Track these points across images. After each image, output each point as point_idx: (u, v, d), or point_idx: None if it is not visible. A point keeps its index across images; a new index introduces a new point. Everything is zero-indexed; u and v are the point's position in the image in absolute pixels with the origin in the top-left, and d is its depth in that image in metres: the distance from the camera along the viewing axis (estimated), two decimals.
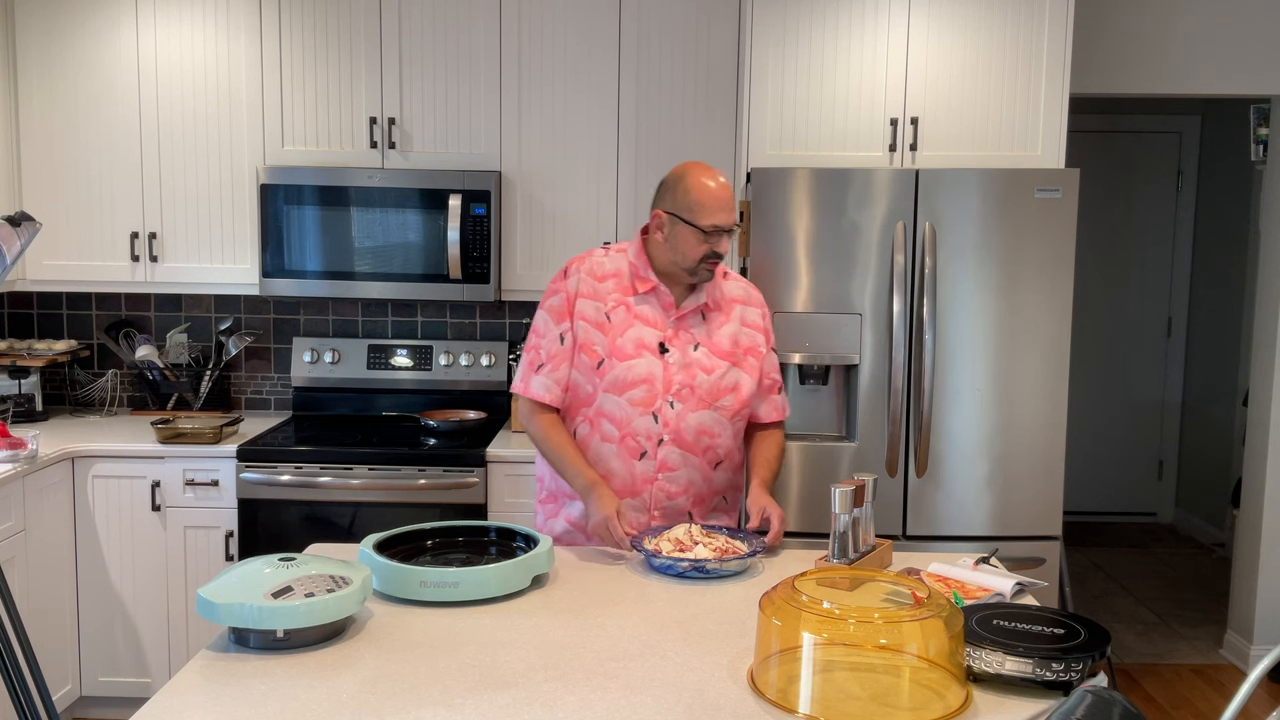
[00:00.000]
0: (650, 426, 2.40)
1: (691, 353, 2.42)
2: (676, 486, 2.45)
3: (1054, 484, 3.38)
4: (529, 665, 1.76)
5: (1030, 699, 1.65)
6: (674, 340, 2.41)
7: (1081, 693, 1.34)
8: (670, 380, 2.40)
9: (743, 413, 2.49)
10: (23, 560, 3.33)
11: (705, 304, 2.45)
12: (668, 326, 2.42)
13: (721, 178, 2.38)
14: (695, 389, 2.41)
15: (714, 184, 2.34)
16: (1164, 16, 3.97)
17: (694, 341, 2.43)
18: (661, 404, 2.40)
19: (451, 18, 3.77)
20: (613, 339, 2.40)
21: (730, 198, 2.35)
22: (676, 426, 2.41)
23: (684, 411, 2.40)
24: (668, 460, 2.42)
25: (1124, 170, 6.32)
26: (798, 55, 3.49)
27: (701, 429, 2.43)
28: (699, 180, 2.35)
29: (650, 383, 2.39)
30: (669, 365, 2.40)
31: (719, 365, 2.43)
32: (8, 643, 2.39)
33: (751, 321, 2.51)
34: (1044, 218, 3.32)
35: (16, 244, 2.61)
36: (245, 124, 3.82)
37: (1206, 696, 4.02)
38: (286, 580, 1.83)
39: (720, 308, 2.48)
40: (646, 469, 2.42)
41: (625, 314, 2.41)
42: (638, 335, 2.40)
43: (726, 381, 2.44)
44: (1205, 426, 6.18)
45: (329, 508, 3.56)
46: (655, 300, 2.43)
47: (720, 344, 2.44)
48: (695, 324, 2.44)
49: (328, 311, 4.20)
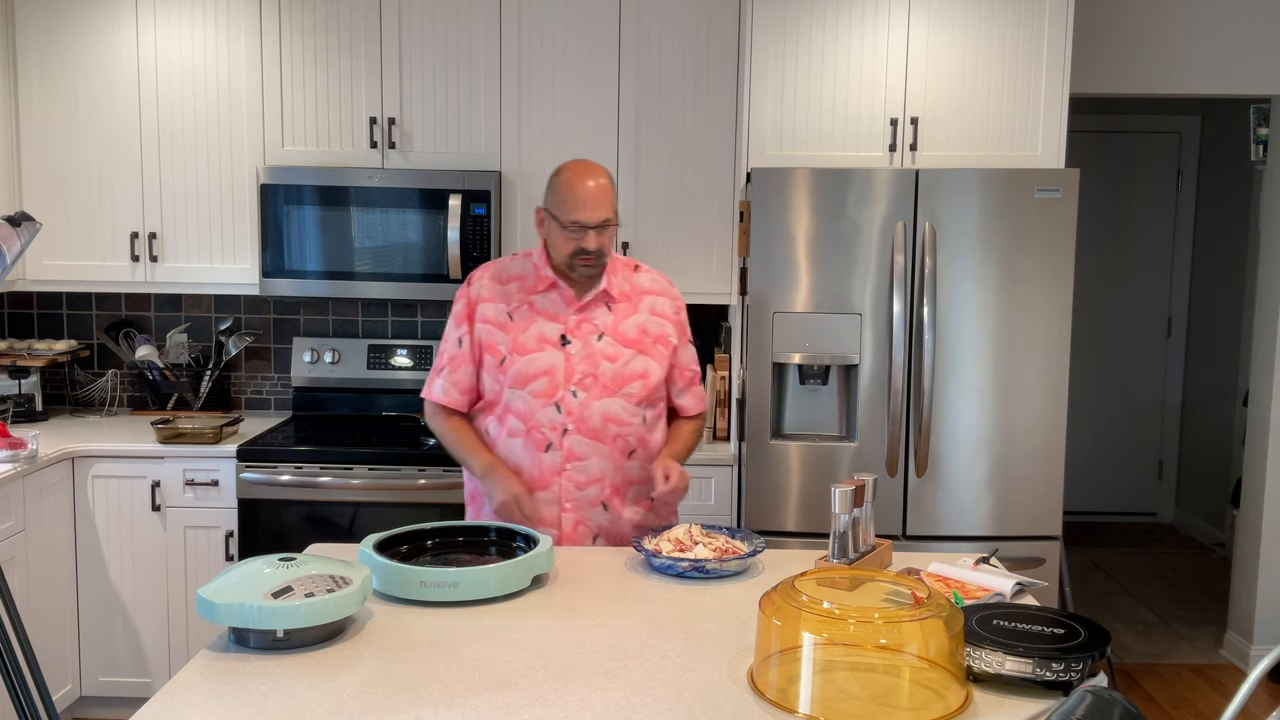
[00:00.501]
0: (554, 417, 2.44)
1: (595, 342, 2.46)
2: (586, 477, 2.46)
3: (1054, 484, 3.38)
4: (529, 665, 1.76)
5: (1030, 699, 1.65)
6: (575, 332, 2.46)
7: (1081, 693, 1.34)
8: (572, 370, 2.44)
9: (652, 399, 2.52)
10: (23, 560, 3.33)
11: (611, 295, 2.49)
12: (569, 319, 2.47)
13: (594, 179, 2.38)
14: (599, 377, 2.44)
15: (580, 181, 2.38)
16: (1164, 16, 3.97)
17: (598, 331, 2.47)
18: (564, 394, 2.44)
19: (451, 18, 3.77)
20: (515, 336, 2.46)
21: (599, 195, 2.37)
22: (581, 414, 2.44)
23: (588, 400, 2.44)
24: (574, 450, 2.45)
25: (1124, 170, 6.32)
26: (798, 55, 3.49)
27: (608, 416, 2.45)
28: (569, 177, 2.39)
29: (551, 374, 2.44)
30: (570, 356, 2.44)
31: (624, 353, 2.47)
32: (8, 643, 2.39)
33: (661, 311, 2.54)
34: (1044, 218, 3.32)
35: (16, 244, 2.61)
36: (245, 124, 3.82)
37: (1206, 696, 4.02)
38: (286, 580, 1.83)
39: (628, 298, 2.52)
40: (554, 460, 2.45)
41: (528, 312, 2.47)
42: (540, 330, 2.46)
43: (632, 368, 2.47)
44: (1205, 426, 6.17)
45: (329, 508, 3.56)
46: (556, 295, 2.48)
47: (626, 333, 2.48)
48: (600, 315, 2.48)
49: (328, 311, 4.20)
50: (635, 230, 3.82)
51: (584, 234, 2.38)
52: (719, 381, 3.77)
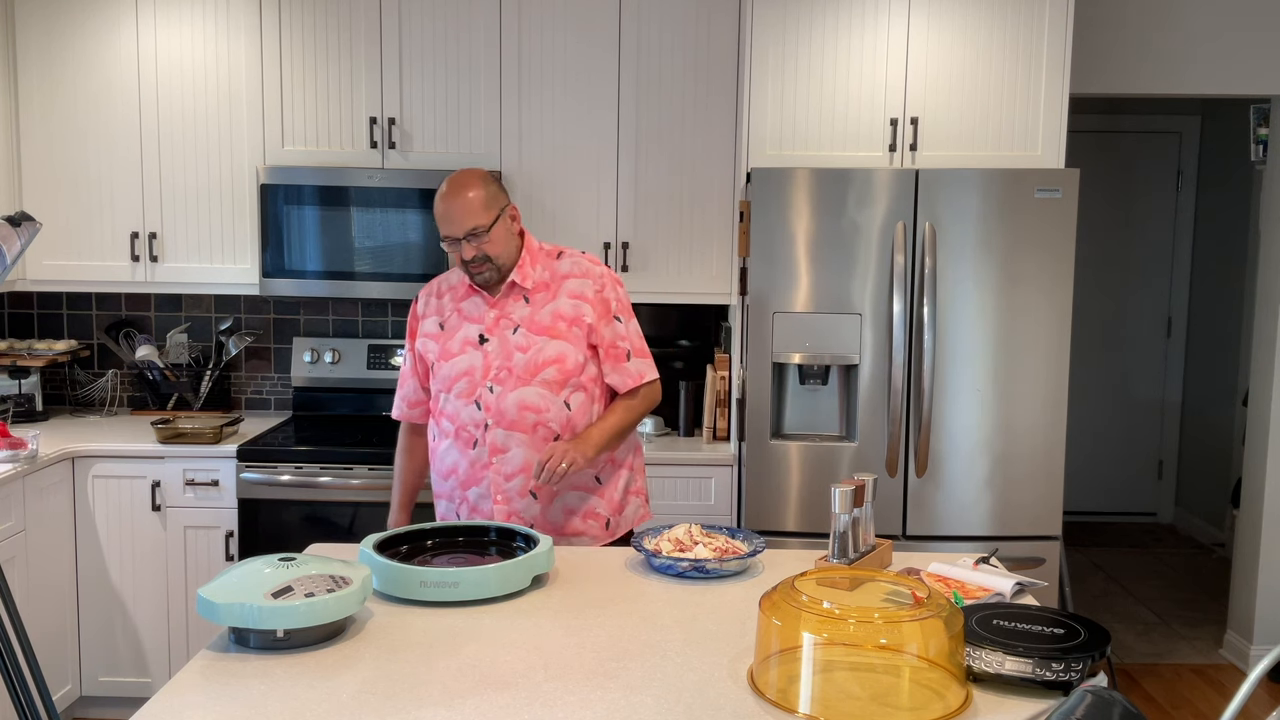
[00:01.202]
0: (474, 414, 2.53)
1: (510, 336, 2.53)
2: (511, 468, 2.52)
3: (1054, 484, 3.38)
4: (529, 665, 1.76)
5: (1030, 699, 1.65)
6: (493, 329, 2.55)
7: (1081, 693, 1.34)
8: (488, 366, 2.53)
9: (573, 382, 2.53)
10: (23, 560, 3.33)
11: (524, 288, 2.55)
12: (487, 317, 2.56)
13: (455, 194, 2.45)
14: (512, 369, 2.52)
15: (444, 200, 2.47)
16: (1164, 16, 3.97)
17: (514, 325, 2.54)
18: (481, 390, 2.53)
19: (451, 18, 3.77)
20: (444, 343, 2.58)
21: (459, 209, 2.44)
22: (498, 408, 2.51)
23: (503, 393, 2.51)
24: (496, 443, 2.52)
25: (1124, 170, 6.32)
26: (798, 55, 3.49)
27: (524, 405, 2.51)
28: (437, 196, 2.49)
29: (470, 374, 2.54)
30: (487, 354, 2.54)
31: (536, 341, 2.53)
32: (8, 643, 2.39)
33: (579, 293, 2.56)
34: (1044, 218, 3.32)
35: (16, 244, 2.61)
36: (245, 124, 3.82)
37: (1206, 696, 4.02)
38: (286, 580, 1.83)
39: (546, 287, 2.57)
40: (480, 455, 2.53)
41: (457, 318, 2.59)
42: (464, 334, 2.57)
43: (545, 355, 2.52)
44: (1205, 426, 6.17)
45: (329, 508, 3.56)
46: (478, 299, 2.59)
47: (541, 321, 2.54)
48: (516, 309, 2.55)
49: (328, 311, 4.20)
50: (635, 230, 3.82)
51: (456, 246, 2.48)
52: (719, 381, 3.77)
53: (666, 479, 3.59)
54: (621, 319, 2.60)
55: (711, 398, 3.79)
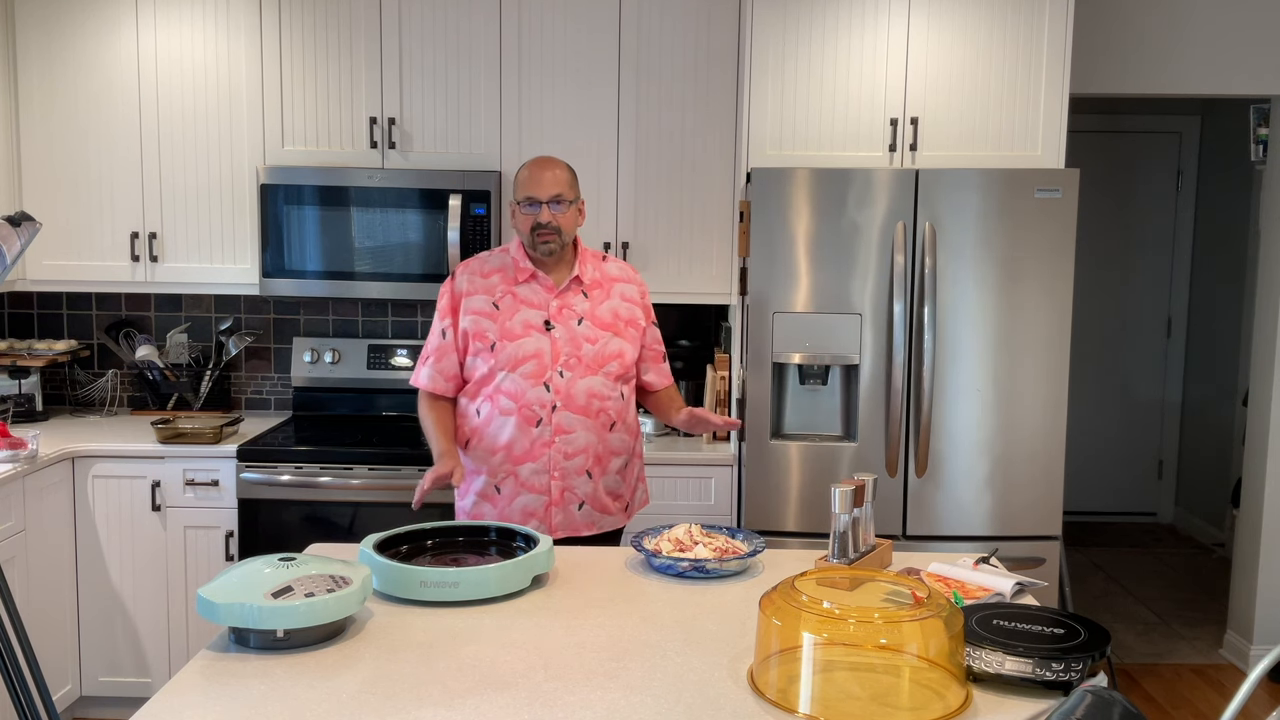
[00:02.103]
0: (543, 395, 2.65)
1: (576, 327, 2.69)
2: (573, 448, 2.68)
3: (1054, 484, 3.38)
4: (529, 665, 1.76)
5: (1030, 699, 1.65)
6: (558, 317, 2.69)
7: (1081, 693, 1.34)
8: (558, 352, 2.67)
9: (627, 376, 2.76)
10: (23, 560, 3.33)
11: (584, 282, 2.72)
12: (550, 306, 2.69)
13: (550, 167, 2.66)
14: (582, 358, 2.68)
15: (536, 166, 2.66)
16: (1164, 17, 3.97)
17: (577, 316, 2.70)
18: (551, 374, 2.66)
19: (451, 18, 3.77)
20: (502, 323, 2.68)
21: (548, 175, 2.63)
22: (568, 393, 2.66)
23: (573, 379, 2.67)
24: (562, 424, 2.66)
25: (1124, 170, 6.32)
26: (798, 55, 3.50)
27: (592, 393, 2.68)
28: (527, 166, 2.68)
29: (539, 357, 2.66)
30: (555, 340, 2.67)
31: (602, 335, 2.70)
32: (8, 643, 2.39)
33: (630, 296, 2.78)
34: (1044, 218, 3.32)
35: (16, 244, 2.61)
36: (245, 124, 3.82)
37: (1206, 696, 4.02)
38: (286, 580, 1.83)
39: (600, 285, 2.75)
40: (544, 434, 2.66)
41: (512, 301, 2.70)
42: (525, 317, 2.68)
43: (610, 349, 2.71)
44: (1205, 426, 6.17)
45: (329, 508, 3.56)
46: (537, 285, 2.71)
47: (602, 317, 2.72)
48: (578, 302, 2.71)
49: (328, 311, 4.20)
50: (635, 230, 3.82)
51: (537, 208, 2.62)
52: (719, 381, 3.77)
53: (666, 479, 3.59)
54: (655, 325, 2.88)
55: (711, 398, 3.79)
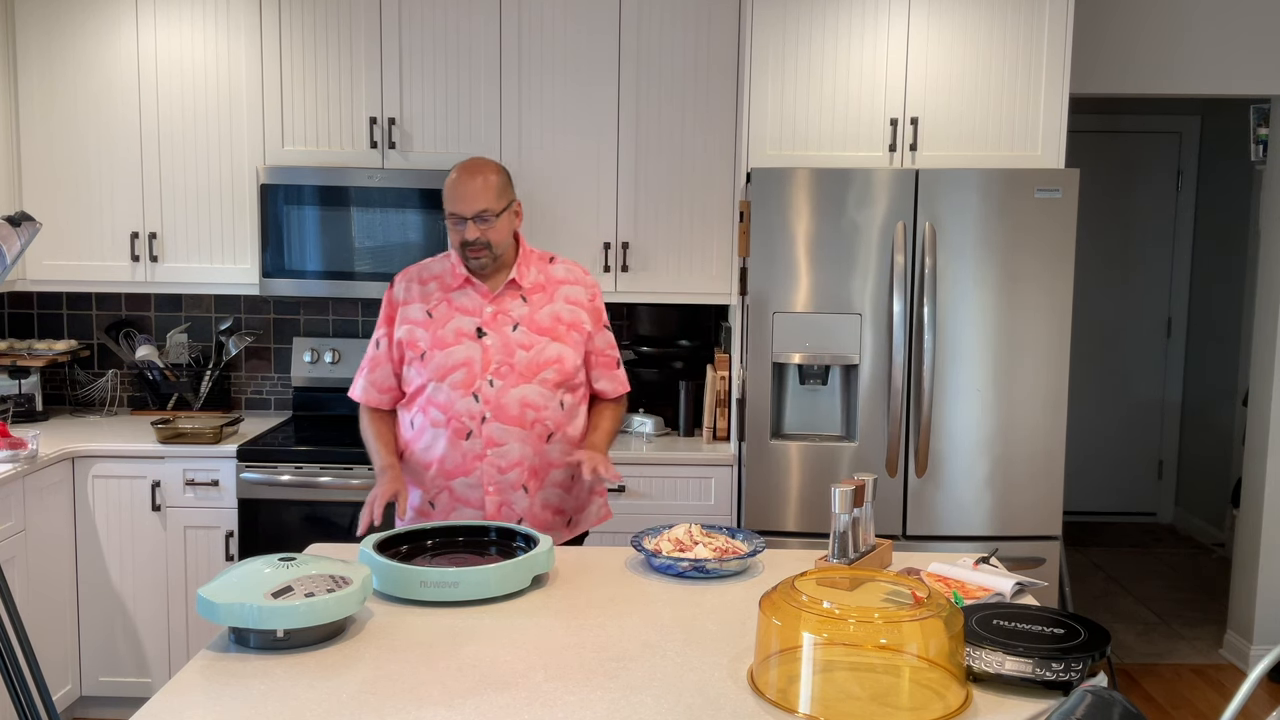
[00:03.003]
0: (472, 406, 2.52)
1: (510, 333, 2.55)
2: (506, 461, 2.54)
3: (1054, 484, 3.38)
4: (529, 665, 1.76)
5: (1030, 699, 1.65)
6: (491, 324, 2.55)
7: (1081, 693, 1.34)
8: (488, 360, 2.53)
9: (569, 384, 2.60)
10: (23, 560, 3.33)
11: (523, 286, 2.58)
12: (484, 312, 2.56)
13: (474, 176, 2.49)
14: (514, 365, 2.54)
15: (460, 177, 2.50)
16: (1164, 17, 3.97)
17: (513, 322, 2.56)
18: (480, 384, 2.53)
19: (451, 18, 3.77)
20: (434, 331, 2.56)
21: (475, 189, 2.47)
22: (498, 402, 2.52)
23: (504, 388, 2.53)
24: (493, 436, 2.53)
25: (1124, 170, 6.32)
26: (798, 55, 3.50)
27: (525, 402, 2.54)
28: (452, 176, 2.52)
29: (469, 365, 2.53)
30: (487, 347, 2.54)
31: (538, 340, 2.56)
32: (8, 643, 2.39)
33: (575, 299, 2.63)
34: (1044, 218, 3.32)
35: (16, 244, 2.61)
36: (245, 124, 3.82)
37: (1206, 696, 4.02)
38: (286, 580, 1.83)
39: (542, 289, 2.61)
40: (474, 446, 2.53)
41: (446, 308, 2.57)
42: (457, 325, 2.56)
43: (546, 355, 2.56)
44: (1205, 426, 6.17)
45: (329, 508, 3.56)
46: (472, 291, 2.58)
47: (540, 321, 2.58)
48: (515, 307, 2.58)
49: (328, 311, 4.20)
50: (635, 230, 3.82)
51: (462, 225, 2.48)
52: (719, 381, 3.77)
53: (666, 479, 3.59)
54: (609, 329, 2.72)
55: (711, 398, 3.79)
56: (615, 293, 3.84)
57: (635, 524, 3.55)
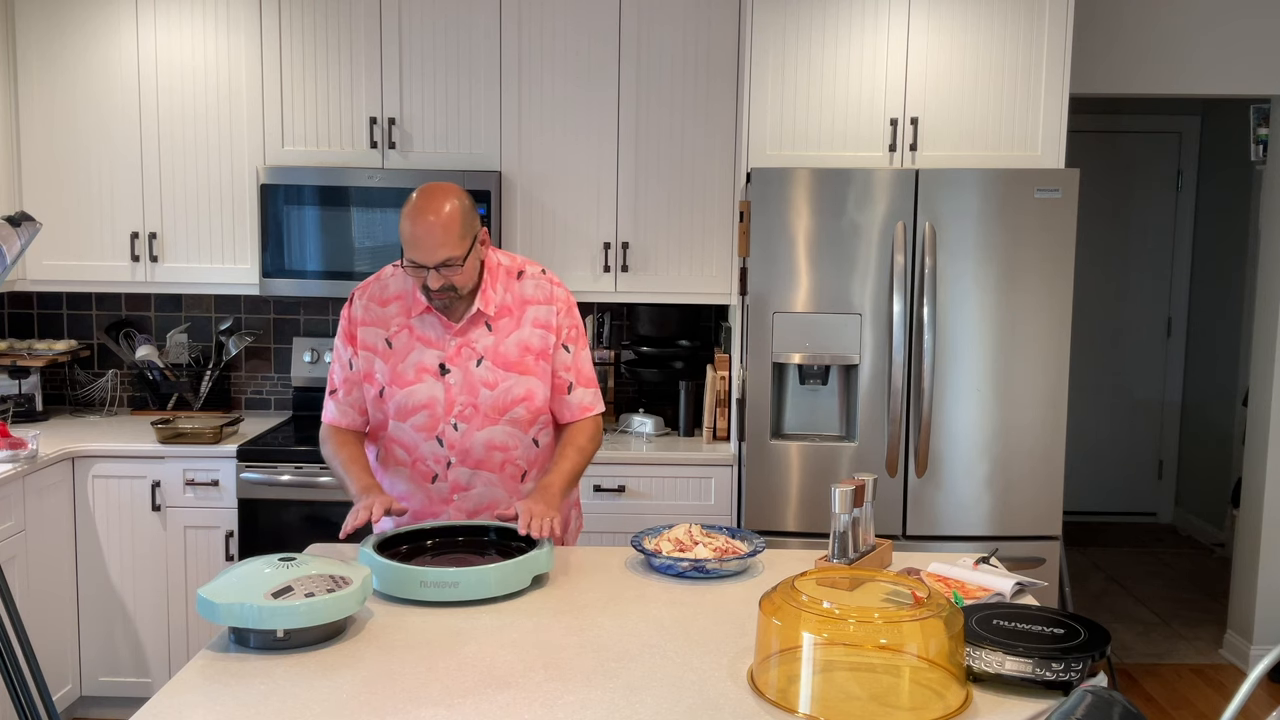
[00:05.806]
0: (436, 450, 2.36)
1: (474, 369, 2.34)
2: (473, 505, 2.41)
3: (1054, 484, 3.38)
4: (529, 665, 1.76)
5: (1030, 699, 1.65)
6: (455, 359, 2.34)
7: (1081, 693, 1.34)
8: (452, 402, 2.34)
9: (540, 419, 2.42)
10: (23, 560, 3.33)
11: (487, 315, 2.35)
12: (449, 345, 2.35)
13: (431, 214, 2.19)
14: (479, 407, 2.34)
15: (417, 217, 2.20)
16: (1164, 16, 3.97)
17: (476, 356, 2.34)
18: (444, 427, 2.35)
19: (452, 18, 3.77)
20: (394, 365, 2.35)
21: (433, 237, 2.19)
22: (463, 447, 2.36)
23: (469, 431, 2.35)
24: (459, 481, 2.39)
25: (1124, 170, 6.32)
26: (798, 55, 3.50)
27: (491, 445, 2.37)
28: (407, 211, 2.23)
29: (431, 407, 2.34)
30: (450, 386, 2.34)
31: (504, 378, 2.35)
32: (8, 643, 2.39)
33: (543, 321, 2.39)
34: (1044, 218, 3.32)
35: (16, 244, 2.61)
36: (245, 124, 3.82)
37: (1206, 696, 4.02)
38: (286, 580, 1.83)
39: (510, 312, 2.38)
40: (440, 490, 2.40)
41: (408, 337, 2.36)
42: (419, 359, 2.35)
43: (513, 394, 2.36)
44: (1205, 426, 6.17)
45: (329, 508, 3.56)
46: (435, 319, 2.35)
47: (507, 354, 2.36)
48: (480, 336, 2.35)
49: (328, 311, 4.20)
50: (635, 230, 3.82)
51: (423, 273, 2.24)
52: (719, 381, 3.77)
53: (666, 479, 3.59)
54: (570, 348, 2.43)
55: (711, 398, 3.79)
56: (615, 293, 3.84)
57: (635, 524, 3.56)
